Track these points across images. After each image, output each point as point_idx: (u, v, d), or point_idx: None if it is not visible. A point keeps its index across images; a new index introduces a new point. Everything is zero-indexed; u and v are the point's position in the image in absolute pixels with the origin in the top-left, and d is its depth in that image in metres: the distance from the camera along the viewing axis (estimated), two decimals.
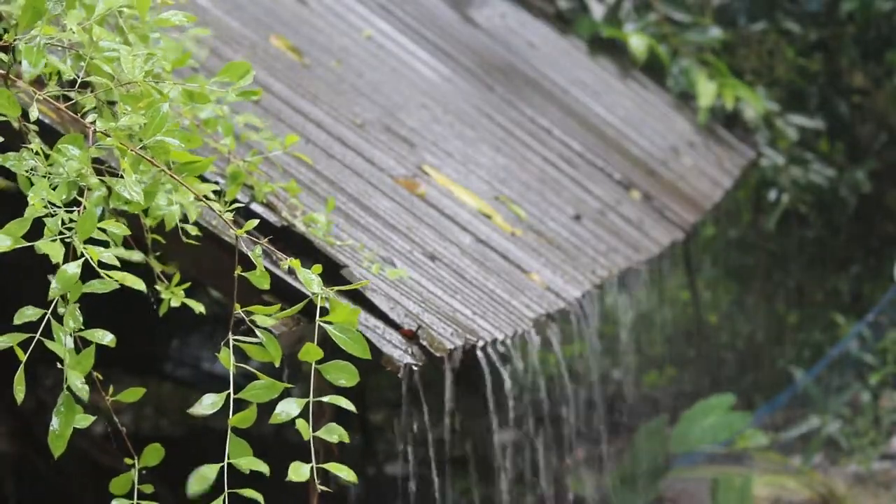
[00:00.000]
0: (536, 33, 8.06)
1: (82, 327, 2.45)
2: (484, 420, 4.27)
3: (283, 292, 3.24)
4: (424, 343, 3.45)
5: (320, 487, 2.48)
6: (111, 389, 2.55)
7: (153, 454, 2.56)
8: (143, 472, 2.57)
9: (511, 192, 5.41)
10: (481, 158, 5.57)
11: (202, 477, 2.44)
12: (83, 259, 2.37)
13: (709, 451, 7.92)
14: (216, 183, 3.28)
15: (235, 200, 3.36)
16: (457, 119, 5.87)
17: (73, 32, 2.58)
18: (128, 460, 2.57)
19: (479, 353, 3.77)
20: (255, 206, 3.49)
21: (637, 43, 8.16)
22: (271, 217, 3.50)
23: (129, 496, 2.55)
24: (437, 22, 6.99)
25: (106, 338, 2.46)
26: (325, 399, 2.49)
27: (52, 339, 2.41)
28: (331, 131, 4.73)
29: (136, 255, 2.52)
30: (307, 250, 3.47)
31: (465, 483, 4.95)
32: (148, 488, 2.56)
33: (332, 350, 2.55)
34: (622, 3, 8.46)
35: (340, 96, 5.17)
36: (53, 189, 2.44)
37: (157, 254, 3.06)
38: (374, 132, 5.04)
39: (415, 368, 3.36)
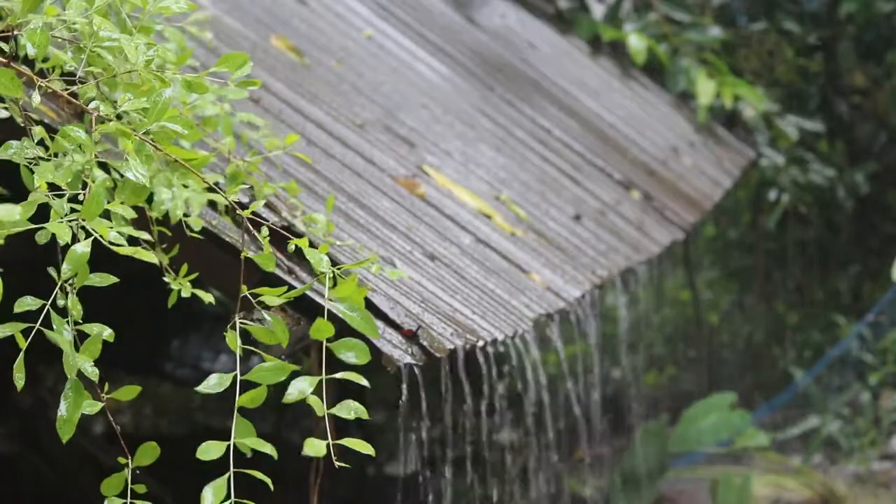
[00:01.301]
0: (536, 33, 8.06)
1: (80, 320, 2.44)
2: (483, 420, 4.27)
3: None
4: (424, 343, 3.45)
5: (337, 463, 2.45)
6: (106, 387, 2.54)
7: (147, 453, 2.55)
8: (137, 471, 2.55)
9: (511, 192, 5.41)
10: (481, 158, 5.57)
11: (207, 449, 2.42)
12: (92, 238, 2.36)
13: (709, 451, 7.92)
14: (216, 184, 3.28)
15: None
16: (457, 119, 5.87)
17: (74, 22, 2.58)
18: (121, 460, 2.55)
19: (479, 353, 3.77)
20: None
21: (636, 43, 8.16)
22: (271, 217, 3.50)
23: (122, 496, 2.54)
24: (437, 22, 6.99)
25: (105, 332, 2.45)
26: (338, 375, 2.46)
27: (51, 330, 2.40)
28: (331, 131, 4.73)
29: (145, 234, 2.51)
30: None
31: (464, 483, 4.95)
32: (141, 488, 2.55)
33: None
34: (622, 2, 8.46)
35: (340, 96, 5.17)
36: (57, 172, 2.44)
37: (164, 246, 3.06)
38: (374, 132, 5.04)
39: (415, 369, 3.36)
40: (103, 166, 2.54)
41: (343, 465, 2.45)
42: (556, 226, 5.41)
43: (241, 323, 2.52)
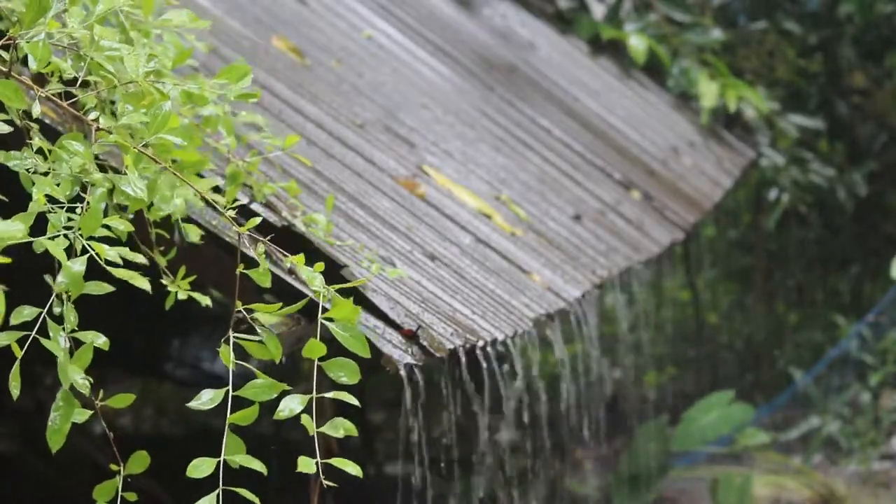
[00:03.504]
0: (537, 33, 8.06)
1: (76, 328, 2.44)
2: (483, 420, 4.27)
3: (284, 293, 3.24)
4: (424, 343, 3.45)
5: (326, 483, 2.48)
6: (101, 393, 2.55)
7: (139, 461, 2.56)
8: (128, 479, 2.56)
9: (511, 192, 5.41)
10: (481, 158, 5.57)
11: (197, 466, 2.43)
12: (87, 256, 2.36)
13: (709, 451, 7.92)
14: (217, 186, 3.28)
15: (235, 200, 3.36)
16: (457, 119, 5.87)
17: (75, 30, 2.58)
18: (113, 466, 2.56)
19: (479, 353, 3.77)
20: (254, 206, 3.49)
21: (636, 43, 8.16)
22: (271, 217, 3.49)
23: (112, 502, 2.54)
24: (437, 22, 6.99)
25: (99, 339, 2.45)
26: (329, 395, 2.49)
27: (48, 338, 2.40)
28: (331, 131, 4.73)
29: (140, 258, 2.52)
30: (307, 250, 3.47)
31: (464, 483, 4.95)
32: (132, 496, 2.56)
33: (333, 351, 2.55)
34: (622, 2, 8.45)
35: (340, 96, 5.17)
36: (57, 185, 2.44)
37: (161, 248, 3.06)
38: (374, 132, 5.04)
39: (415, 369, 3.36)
40: (103, 170, 2.54)
41: (330, 483, 2.48)
42: (556, 226, 5.41)
43: (234, 337, 2.53)
